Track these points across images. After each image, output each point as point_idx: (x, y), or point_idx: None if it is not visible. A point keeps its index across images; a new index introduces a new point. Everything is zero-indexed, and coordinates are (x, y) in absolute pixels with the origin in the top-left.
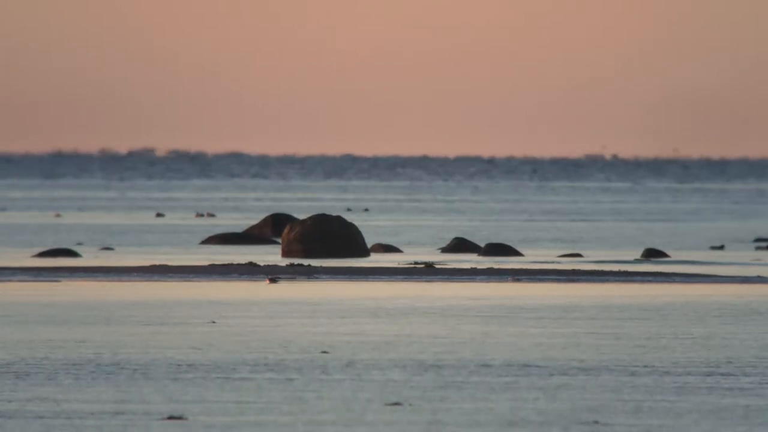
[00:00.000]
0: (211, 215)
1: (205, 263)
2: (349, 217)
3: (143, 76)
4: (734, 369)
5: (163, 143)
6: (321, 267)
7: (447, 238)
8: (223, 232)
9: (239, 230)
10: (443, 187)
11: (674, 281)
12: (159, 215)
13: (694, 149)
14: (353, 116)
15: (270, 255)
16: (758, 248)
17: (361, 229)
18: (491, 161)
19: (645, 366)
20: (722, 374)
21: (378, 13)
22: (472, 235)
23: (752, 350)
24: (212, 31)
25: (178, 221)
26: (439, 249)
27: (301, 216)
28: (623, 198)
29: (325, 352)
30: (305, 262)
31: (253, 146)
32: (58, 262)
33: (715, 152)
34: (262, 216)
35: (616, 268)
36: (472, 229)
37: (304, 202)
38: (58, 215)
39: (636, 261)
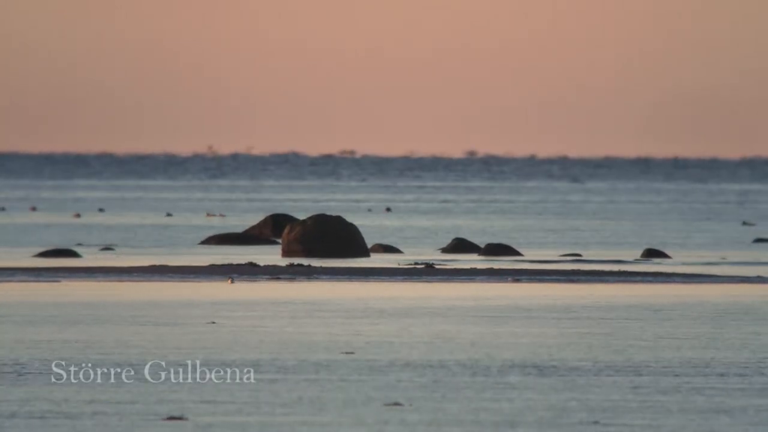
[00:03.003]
0: (223, 216)
1: (205, 263)
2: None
3: (143, 76)
4: (734, 369)
5: (162, 144)
6: (321, 267)
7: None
8: (224, 232)
9: (240, 230)
10: (448, 188)
11: (674, 281)
12: (168, 215)
13: (693, 149)
14: (357, 116)
15: (270, 255)
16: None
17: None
18: (493, 161)
19: (645, 366)
20: (722, 374)
21: (378, 13)
22: (482, 235)
23: (752, 350)
24: (212, 32)
25: (187, 221)
26: (439, 249)
27: (301, 216)
28: (628, 198)
29: (350, 352)
30: (305, 262)
31: (257, 147)
32: (58, 262)
33: (714, 152)
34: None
35: (616, 268)
36: (480, 229)
37: (317, 203)
38: (77, 216)
39: (636, 261)
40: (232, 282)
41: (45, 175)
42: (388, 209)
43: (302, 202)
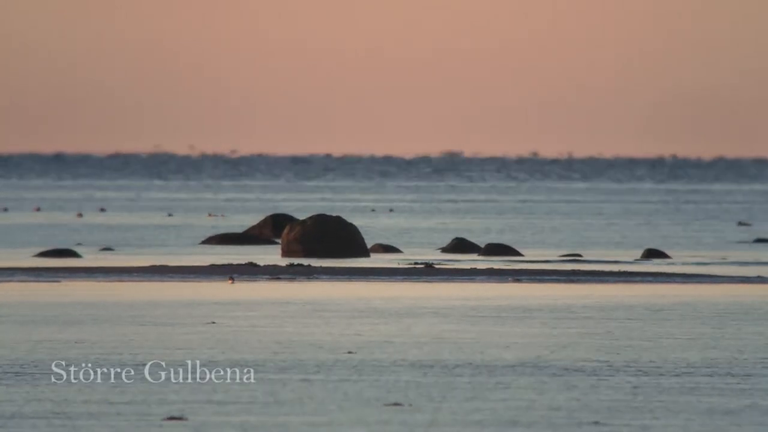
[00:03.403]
0: (224, 216)
1: (205, 263)
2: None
3: (143, 76)
4: (735, 369)
5: (162, 144)
6: (321, 267)
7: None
8: (225, 232)
9: (240, 230)
10: (450, 188)
11: (674, 281)
12: (169, 215)
13: (693, 149)
14: (357, 117)
15: (270, 255)
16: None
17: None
18: (494, 162)
19: (645, 366)
20: (722, 374)
21: (378, 13)
22: (486, 234)
23: (752, 350)
24: (212, 32)
25: (187, 221)
26: (439, 249)
27: (300, 216)
28: (627, 198)
29: (350, 352)
30: (305, 262)
31: (255, 146)
32: (58, 262)
33: (714, 152)
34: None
35: (616, 268)
36: (480, 229)
37: (318, 203)
38: (80, 215)
39: (636, 261)
40: (233, 282)
41: (48, 175)
42: (391, 210)
43: (304, 202)
